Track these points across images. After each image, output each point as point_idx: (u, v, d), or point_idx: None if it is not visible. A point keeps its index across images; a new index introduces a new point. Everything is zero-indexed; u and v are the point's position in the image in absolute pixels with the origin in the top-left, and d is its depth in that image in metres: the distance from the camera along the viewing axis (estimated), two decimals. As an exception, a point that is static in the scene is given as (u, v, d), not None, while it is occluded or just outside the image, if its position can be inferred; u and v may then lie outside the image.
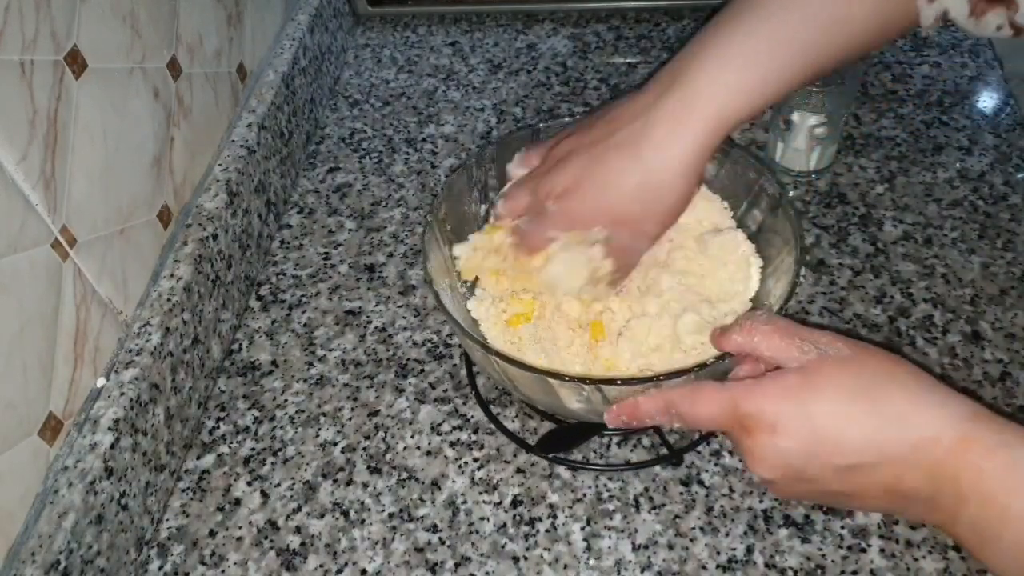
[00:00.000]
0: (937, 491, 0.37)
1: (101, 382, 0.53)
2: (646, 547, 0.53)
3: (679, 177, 0.48)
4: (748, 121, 0.49)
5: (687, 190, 0.49)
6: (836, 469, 0.39)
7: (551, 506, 0.55)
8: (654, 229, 0.51)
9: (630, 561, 0.52)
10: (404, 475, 0.57)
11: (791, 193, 0.73)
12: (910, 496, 0.39)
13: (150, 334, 0.56)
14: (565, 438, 0.57)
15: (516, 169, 0.57)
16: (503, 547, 0.53)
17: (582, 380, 0.46)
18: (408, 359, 0.64)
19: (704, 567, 0.52)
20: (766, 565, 0.51)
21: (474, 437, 0.59)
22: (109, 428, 0.51)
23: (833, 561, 0.51)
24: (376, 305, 0.69)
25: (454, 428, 0.60)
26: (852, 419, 0.39)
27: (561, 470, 0.57)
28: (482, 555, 0.53)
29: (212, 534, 0.55)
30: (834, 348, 0.41)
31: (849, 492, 0.41)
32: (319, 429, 0.61)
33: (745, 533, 0.53)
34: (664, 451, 0.57)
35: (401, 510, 0.56)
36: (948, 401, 0.38)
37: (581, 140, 0.52)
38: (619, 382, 0.46)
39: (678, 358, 0.53)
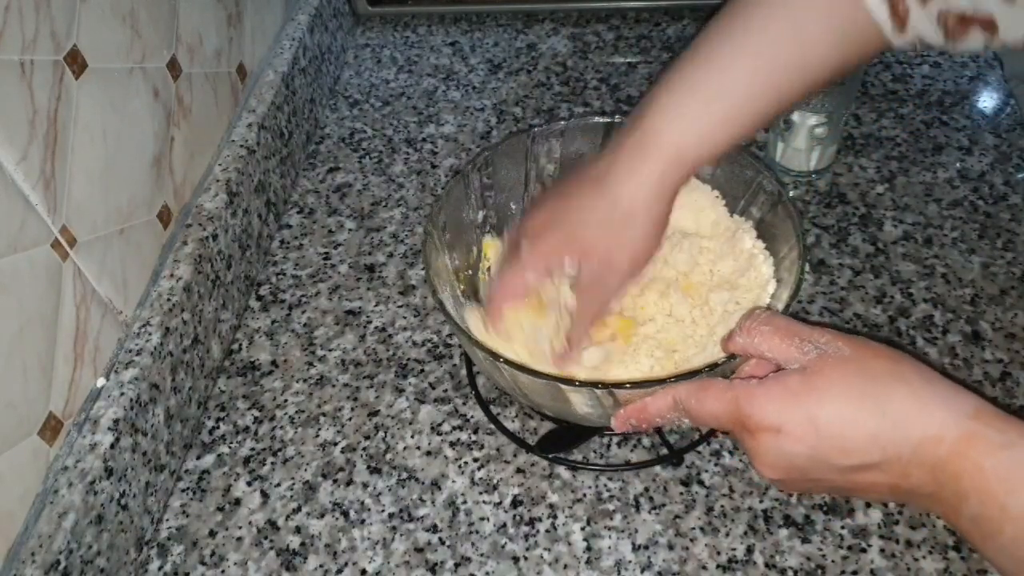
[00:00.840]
0: (940, 488, 0.38)
1: (101, 382, 0.53)
2: (646, 547, 0.53)
3: (642, 211, 0.49)
4: (710, 161, 0.50)
5: (651, 226, 0.50)
6: (841, 469, 0.40)
7: (551, 506, 0.55)
8: (623, 263, 0.51)
9: (630, 561, 0.52)
10: (404, 475, 0.57)
11: (791, 193, 0.73)
12: (914, 491, 0.39)
13: (150, 334, 0.56)
14: (565, 438, 0.57)
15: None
16: (503, 547, 0.53)
17: (593, 385, 0.46)
18: (408, 359, 0.64)
19: (704, 567, 0.52)
20: (766, 565, 0.51)
21: (474, 437, 0.59)
22: (109, 428, 0.51)
23: (833, 561, 0.51)
24: (376, 305, 0.69)
25: (454, 428, 0.60)
26: (855, 421, 0.39)
27: (561, 470, 0.57)
28: (482, 555, 0.53)
29: (212, 534, 0.55)
30: (834, 347, 0.41)
31: (854, 488, 0.41)
32: (319, 429, 0.61)
33: (745, 533, 0.53)
34: (664, 451, 0.57)
35: (401, 510, 0.56)
36: (951, 398, 0.38)
37: (553, 193, 0.53)
38: (628, 385, 0.46)
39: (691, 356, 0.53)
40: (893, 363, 0.40)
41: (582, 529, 0.54)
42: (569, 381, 0.46)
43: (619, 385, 0.46)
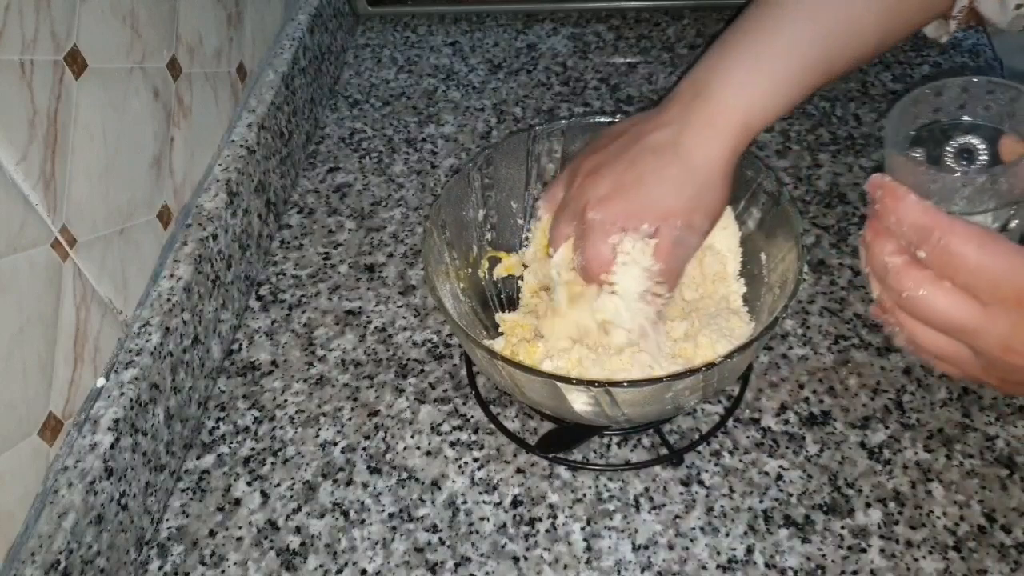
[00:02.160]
0: None
1: (101, 382, 0.53)
2: (646, 547, 0.53)
3: (717, 176, 0.51)
4: (768, 127, 0.52)
5: (725, 190, 0.52)
6: None
7: (551, 506, 0.55)
8: (703, 221, 0.52)
9: (630, 561, 0.52)
10: (404, 475, 0.57)
11: (793, 192, 0.73)
12: None
13: (150, 334, 0.56)
14: (565, 438, 0.57)
15: (545, 211, 0.57)
16: (503, 547, 0.53)
17: (589, 383, 0.46)
18: (408, 359, 0.64)
19: (704, 567, 0.52)
20: (766, 565, 0.51)
21: (474, 437, 0.59)
22: (109, 428, 0.51)
23: (833, 561, 0.51)
24: (376, 305, 0.69)
25: (454, 428, 0.60)
26: None
27: (561, 470, 0.57)
28: (482, 555, 0.53)
29: (212, 534, 0.55)
30: None
31: None
32: (319, 429, 0.61)
33: (745, 533, 0.53)
34: (664, 451, 0.57)
35: (401, 510, 0.56)
36: None
37: (606, 154, 0.53)
38: (626, 384, 0.46)
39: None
40: None
41: (582, 529, 0.54)
42: (566, 379, 0.47)
43: (616, 384, 0.46)
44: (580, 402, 0.49)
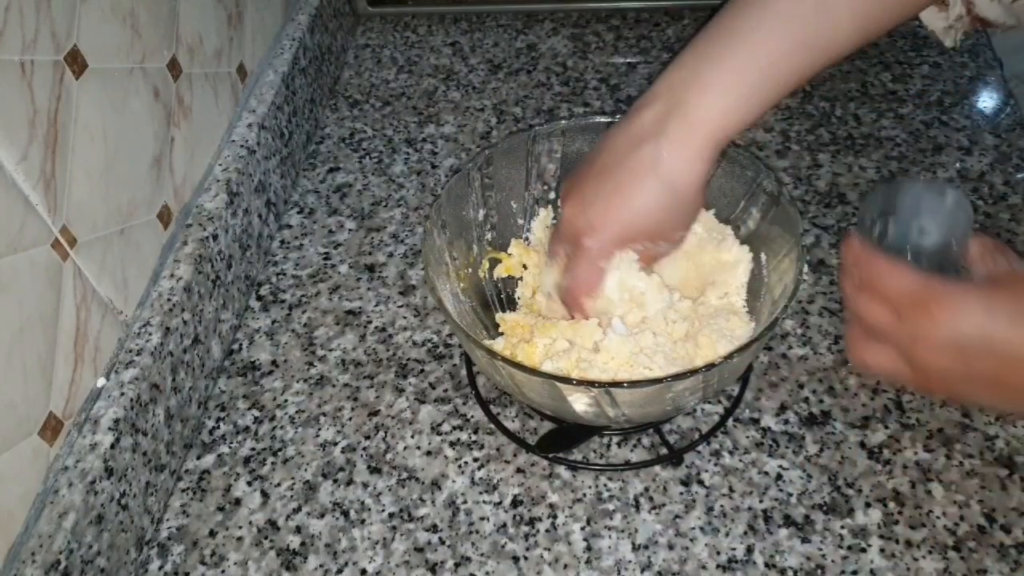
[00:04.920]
0: None
1: (101, 382, 0.53)
2: (646, 547, 0.53)
3: (696, 191, 0.52)
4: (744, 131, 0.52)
5: (700, 200, 0.54)
6: (1002, 359, 0.41)
7: (551, 506, 0.55)
8: (679, 231, 0.56)
9: (630, 561, 0.52)
10: (404, 475, 0.57)
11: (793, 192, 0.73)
12: None
13: (150, 334, 0.56)
14: (565, 438, 0.57)
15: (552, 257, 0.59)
16: (503, 547, 0.53)
17: (589, 384, 0.46)
18: (408, 359, 0.64)
19: (704, 567, 0.52)
20: (766, 565, 0.51)
21: (474, 437, 0.59)
22: (109, 428, 0.51)
23: (833, 561, 0.51)
24: (376, 305, 0.69)
25: (454, 428, 0.60)
26: None
27: (561, 470, 0.57)
28: (482, 555, 0.53)
29: (212, 534, 0.55)
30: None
31: (1001, 374, 0.42)
32: (319, 429, 0.61)
33: (745, 533, 0.53)
34: (664, 451, 0.57)
35: (401, 510, 0.56)
36: None
37: (592, 177, 0.54)
38: (626, 384, 0.46)
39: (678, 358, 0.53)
40: None
41: (582, 529, 0.54)
42: (566, 380, 0.47)
43: (616, 384, 0.46)
44: (580, 403, 0.49)
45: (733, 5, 0.52)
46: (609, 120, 0.59)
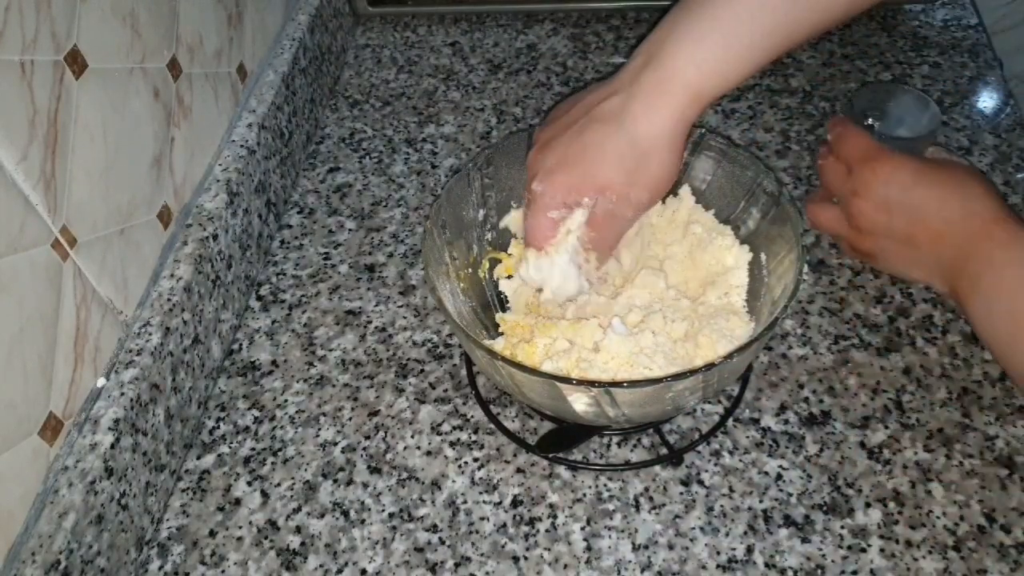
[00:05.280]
0: (959, 251, 0.51)
1: (101, 382, 0.53)
2: (646, 547, 0.53)
3: (661, 146, 0.50)
4: (723, 95, 0.50)
5: (669, 160, 0.51)
6: (918, 214, 0.52)
7: (551, 506, 0.55)
8: (640, 195, 0.52)
9: (630, 561, 0.52)
10: (404, 475, 0.57)
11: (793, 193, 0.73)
12: (945, 249, 0.52)
13: (150, 334, 0.56)
14: (565, 438, 0.57)
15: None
16: (503, 547, 0.53)
17: (589, 384, 0.46)
18: (408, 359, 0.64)
19: (704, 567, 0.52)
20: (766, 565, 0.51)
21: (474, 437, 0.59)
22: (109, 428, 0.51)
23: (833, 561, 0.51)
24: (376, 305, 0.69)
25: (454, 428, 0.60)
26: (942, 184, 0.52)
27: (561, 470, 0.57)
28: (482, 555, 0.53)
29: (212, 534, 0.55)
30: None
31: (911, 238, 0.53)
32: (319, 429, 0.61)
33: (745, 533, 0.53)
34: (664, 451, 0.57)
35: (401, 510, 0.56)
36: (1002, 205, 0.52)
37: (558, 125, 0.53)
38: (626, 384, 0.46)
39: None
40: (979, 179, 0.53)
41: (582, 529, 0.54)
42: (566, 380, 0.46)
43: (616, 384, 0.46)
44: (580, 402, 0.49)
45: None
46: None
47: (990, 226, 0.50)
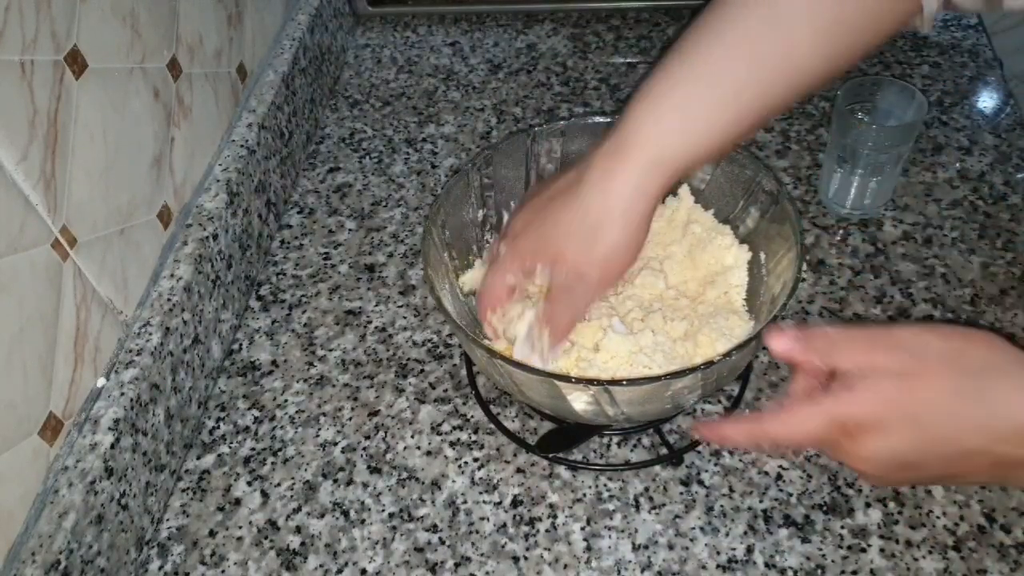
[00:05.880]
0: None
1: (101, 382, 0.53)
2: (646, 547, 0.53)
3: (615, 219, 0.46)
4: (694, 166, 0.47)
5: (626, 234, 0.47)
6: (946, 457, 0.40)
7: (551, 506, 0.55)
8: (592, 273, 0.49)
9: (630, 561, 0.52)
10: (404, 475, 0.57)
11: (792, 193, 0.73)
12: (1018, 464, 0.39)
13: (150, 334, 0.56)
14: (565, 438, 0.57)
15: None
16: (503, 547, 0.53)
17: (588, 382, 0.46)
18: (408, 359, 0.64)
19: (704, 567, 0.52)
20: (766, 565, 0.51)
21: (474, 437, 0.59)
22: (109, 428, 0.51)
23: (833, 561, 0.51)
24: (376, 305, 0.69)
25: (454, 428, 0.60)
26: (960, 414, 0.39)
27: (561, 470, 0.57)
28: (482, 555, 0.53)
29: (212, 534, 0.55)
30: (922, 344, 0.40)
31: (954, 473, 0.41)
32: (319, 429, 0.61)
33: (745, 533, 0.53)
34: (664, 451, 0.57)
35: (401, 510, 0.56)
36: None
37: (540, 190, 0.53)
38: (625, 383, 0.46)
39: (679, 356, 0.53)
40: (988, 352, 0.40)
41: (582, 529, 0.54)
42: (565, 378, 0.46)
43: (615, 382, 0.46)
44: (580, 401, 0.49)
45: (690, 31, 0.48)
46: (608, 120, 0.59)
47: None
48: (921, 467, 0.41)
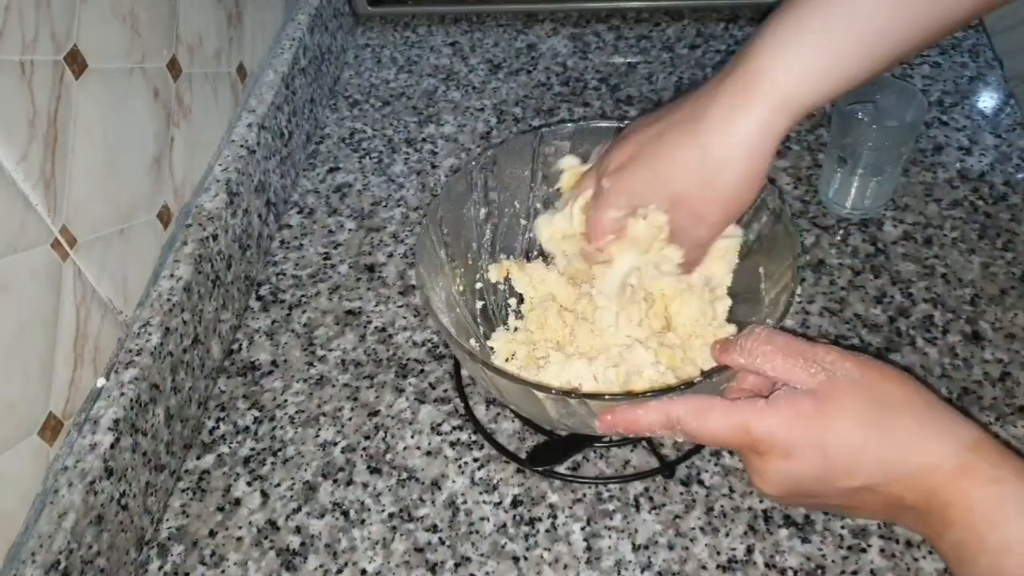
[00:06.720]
0: (928, 512, 0.39)
1: (101, 382, 0.53)
2: (646, 547, 0.53)
3: (738, 158, 0.44)
4: (821, 106, 0.44)
5: (749, 173, 0.45)
6: (843, 491, 0.40)
7: (551, 506, 0.55)
8: (714, 214, 0.47)
9: (630, 561, 0.52)
10: (404, 475, 0.57)
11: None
12: (905, 511, 0.40)
13: (150, 334, 0.56)
14: (557, 450, 0.57)
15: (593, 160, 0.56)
16: (503, 547, 0.53)
17: (567, 393, 0.45)
18: (408, 359, 0.64)
19: (704, 567, 0.52)
20: (766, 565, 0.51)
21: (474, 437, 0.59)
22: (109, 428, 0.51)
23: (833, 561, 0.51)
24: (376, 305, 0.69)
25: (454, 428, 0.60)
26: (864, 447, 0.39)
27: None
28: (482, 555, 0.53)
29: (212, 534, 0.55)
30: (842, 368, 0.40)
31: (850, 506, 0.42)
32: (319, 429, 0.61)
33: (745, 533, 0.53)
34: (656, 464, 0.57)
35: (401, 510, 0.56)
36: (953, 427, 0.39)
37: (644, 123, 0.50)
38: (608, 396, 0.45)
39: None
40: (900, 387, 0.40)
41: (582, 529, 0.54)
42: (545, 388, 0.45)
43: (594, 396, 0.45)
44: (555, 410, 0.48)
45: None
46: (619, 126, 0.57)
47: (956, 473, 0.38)
48: (819, 496, 0.41)
